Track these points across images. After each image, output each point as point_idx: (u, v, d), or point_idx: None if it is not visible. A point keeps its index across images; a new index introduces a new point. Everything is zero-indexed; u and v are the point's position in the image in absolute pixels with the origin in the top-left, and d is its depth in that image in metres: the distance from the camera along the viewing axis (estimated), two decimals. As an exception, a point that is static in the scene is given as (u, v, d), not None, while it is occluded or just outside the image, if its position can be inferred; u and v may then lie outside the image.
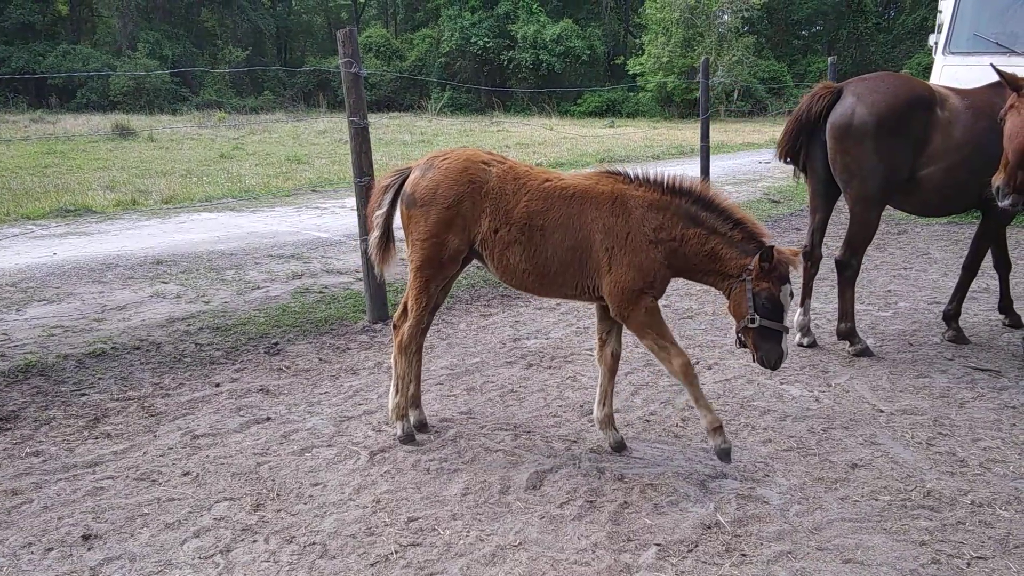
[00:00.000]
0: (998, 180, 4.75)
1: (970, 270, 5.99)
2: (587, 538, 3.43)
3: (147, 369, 5.50)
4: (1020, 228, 9.70)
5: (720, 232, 3.85)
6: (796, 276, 7.11)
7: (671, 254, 3.89)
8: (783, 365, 3.91)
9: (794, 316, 6.10)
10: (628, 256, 3.86)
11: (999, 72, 4.89)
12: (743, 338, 3.93)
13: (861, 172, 5.47)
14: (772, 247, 3.73)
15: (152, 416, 4.76)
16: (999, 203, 4.79)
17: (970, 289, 6.10)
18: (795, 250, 3.95)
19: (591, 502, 3.73)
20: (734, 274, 3.86)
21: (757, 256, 3.75)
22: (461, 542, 3.41)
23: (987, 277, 7.05)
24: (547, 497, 3.78)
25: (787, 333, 3.85)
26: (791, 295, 3.84)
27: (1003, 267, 6.23)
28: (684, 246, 3.87)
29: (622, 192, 3.94)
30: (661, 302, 4.11)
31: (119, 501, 3.75)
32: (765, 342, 3.83)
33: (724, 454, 3.97)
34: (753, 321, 3.79)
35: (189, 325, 6.43)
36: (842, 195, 5.78)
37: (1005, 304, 6.38)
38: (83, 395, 5.05)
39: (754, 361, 3.95)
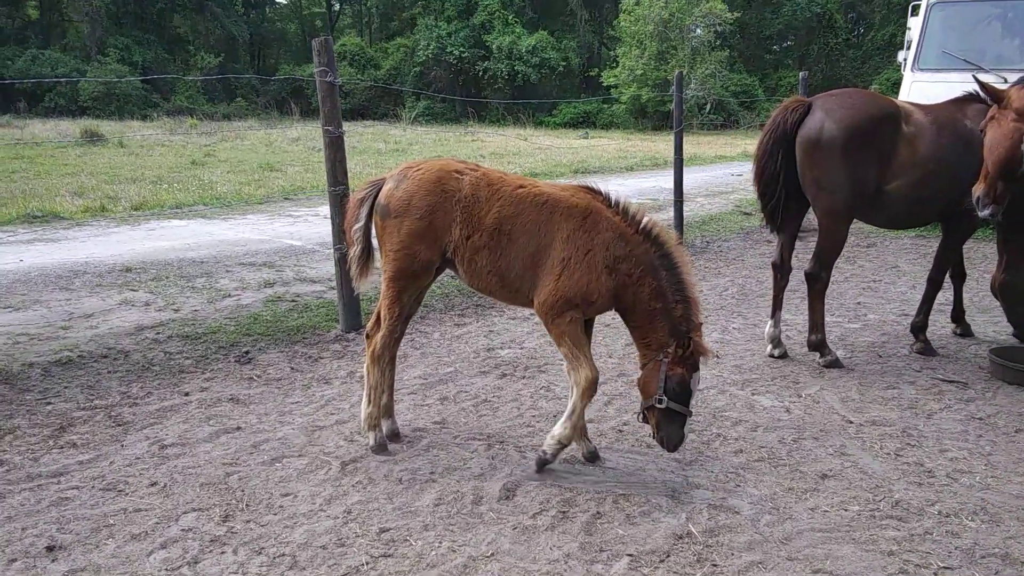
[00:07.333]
0: (978, 190, 4.85)
1: (935, 283, 6.08)
2: (559, 548, 3.42)
3: (115, 378, 5.42)
4: (983, 240, 9.87)
5: (666, 298, 3.82)
6: (767, 288, 7.18)
7: (621, 287, 3.85)
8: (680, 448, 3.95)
9: (765, 328, 6.17)
10: (580, 272, 3.82)
11: (982, 85, 4.98)
12: (647, 415, 3.94)
13: (830, 186, 5.53)
14: (692, 338, 3.74)
15: (119, 425, 4.68)
16: (979, 213, 4.90)
17: (937, 301, 6.20)
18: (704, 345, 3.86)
19: (564, 512, 3.72)
20: (653, 348, 3.87)
21: (676, 342, 3.76)
22: (433, 553, 3.39)
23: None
24: (520, 507, 3.77)
25: (690, 417, 3.87)
26: (698, 382, 3.88)
27: (958, 277, 6.39)
28: (635, 288, 3.84)
29: (597, 210, 3.91)
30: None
31: (85, 511, 3.68)
32: (669, 424, 3.83)
33: (541, 464, 4.07)
34: (661, 402, 3.79)
35: (158, 333, 6.35)
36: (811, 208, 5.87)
37: (957, 314, 6.55)
38: (49, 404, 4.96)
39: (653, 438, 3.98)
